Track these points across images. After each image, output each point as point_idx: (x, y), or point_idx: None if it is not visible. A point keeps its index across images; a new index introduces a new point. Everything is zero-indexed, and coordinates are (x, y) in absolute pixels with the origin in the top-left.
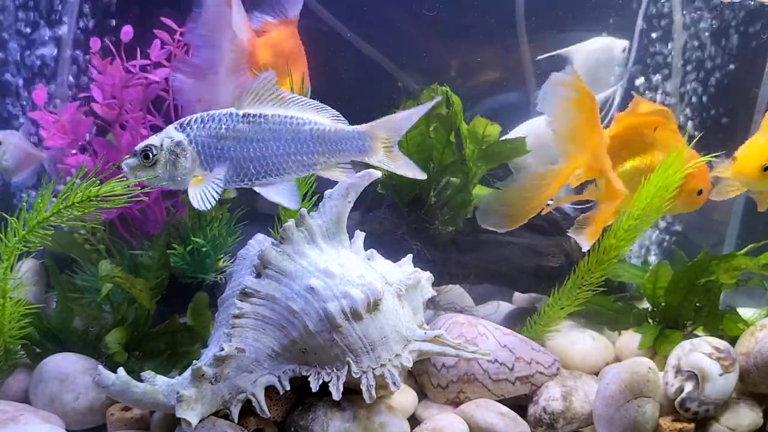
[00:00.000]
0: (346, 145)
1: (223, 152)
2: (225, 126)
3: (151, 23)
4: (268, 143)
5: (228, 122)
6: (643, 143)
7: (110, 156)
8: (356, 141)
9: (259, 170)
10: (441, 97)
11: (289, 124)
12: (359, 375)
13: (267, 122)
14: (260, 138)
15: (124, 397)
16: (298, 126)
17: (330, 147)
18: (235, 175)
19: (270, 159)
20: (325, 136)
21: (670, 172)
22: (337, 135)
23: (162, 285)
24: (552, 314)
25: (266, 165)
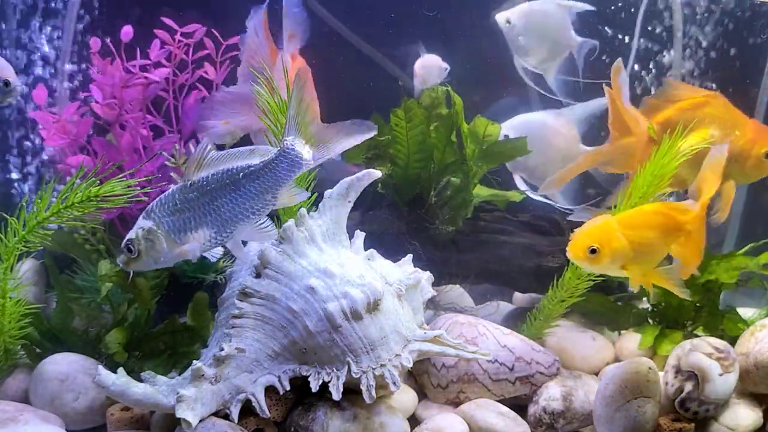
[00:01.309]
0: (279, 170)
1: (185, 224)
2: (178, 200)
3: (151, 23)
4: (214, 203)
5: (180, 195)
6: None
7: (110, 156)
8: (281, 160)
9: (219, 229)
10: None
11: (225, 178)
12: (359, 375)
13: (208, 184)
14: (207, 201)
15: (124, 397)
16: (232, 176)
17: (265, 181)
18: (205, 240)
19: (223, 216)
20: (255, 174)
21: (665, 161)
22: (265, 166)
23: (162, 285)
24: (551, 308)
25: (222, 222)
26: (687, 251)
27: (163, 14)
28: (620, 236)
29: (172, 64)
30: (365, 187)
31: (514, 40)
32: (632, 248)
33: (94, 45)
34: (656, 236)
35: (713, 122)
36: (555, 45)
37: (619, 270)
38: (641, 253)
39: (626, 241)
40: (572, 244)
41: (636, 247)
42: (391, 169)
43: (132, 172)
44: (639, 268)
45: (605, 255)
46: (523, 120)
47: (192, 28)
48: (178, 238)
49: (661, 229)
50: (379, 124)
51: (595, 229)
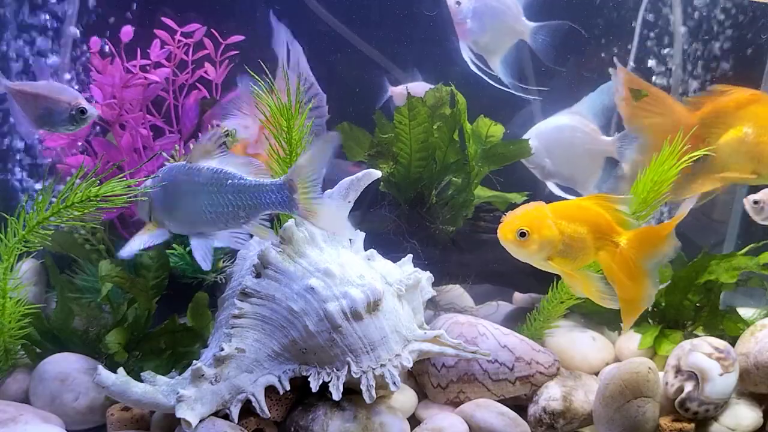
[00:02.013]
0: (264, 198)
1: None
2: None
3: (151, 23)
4: (196, 195)
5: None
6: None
7: (110, 156)
8: (274, 194)
9: (185, 220)
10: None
11: (214, 178)
12: (359, 375)
13: (198, 175)
14: (190, 190)
15: (124, 397)
16: (221, 179)
17: (249, 200)
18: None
19: (196, 210)
20: (244, 190)
21: (665, 167)
22: (256, 188)
23: (162, 285)
24: (551, 309)
25: (192, 215)
26: (615, 269)
27: (164, 14)
28: (551, 225)
29: (172, 63)
30: (366, 185)
31: (462, 23)
32: (561, 239)
33: (94, 45)
34: (587, 234)
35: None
36: (505, 30)
37: (545, 262)
38: (570, 247)
39: (557, 231)
40: (502, 225)
41: (566, 240)
42: (393, 167)
43: (132, 172)
44: (565, 264)
45: (533, 241)
46: (547, 128)
47: (191, 28)
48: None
49: (594, 228)
50: (382, 122)
51: (527, 214)
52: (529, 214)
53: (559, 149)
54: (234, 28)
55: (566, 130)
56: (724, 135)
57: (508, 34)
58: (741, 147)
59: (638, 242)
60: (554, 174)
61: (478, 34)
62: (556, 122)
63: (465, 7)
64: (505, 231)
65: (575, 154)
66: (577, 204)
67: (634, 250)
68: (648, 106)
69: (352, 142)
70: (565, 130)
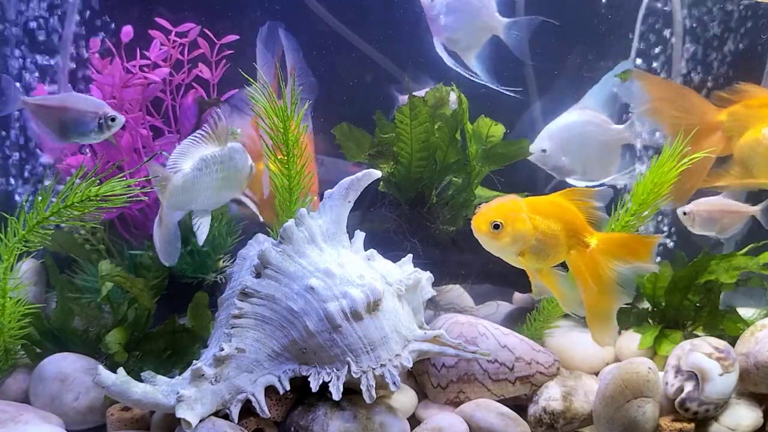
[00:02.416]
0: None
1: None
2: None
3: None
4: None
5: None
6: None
7: (110, 156)
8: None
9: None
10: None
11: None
12: (359, 375)
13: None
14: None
15: (124, 397)
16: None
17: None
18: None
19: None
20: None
21: (665, 169)
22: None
23: (162, 285)
24: (551, 309)
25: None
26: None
27: (160, 14)
28: (526, 219)
29: (169, 63)
30: (366, 185)
31: (435, 20)
32: (534, 235)
33: (94, 45)
34: (560, 231)
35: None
36: (478, 26)
37: (516, 257)
38: (543, 243)
39: (531, 226)
40: (477, 217)
41: (539, 236)
42: (394, 167)
43: (131, 172)
44: (535, 260)
45: (507, 233)
46: (558, 128)
47: (186, 28)
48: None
49: (567, 226)
50: (383, 122)
51: (502, 206)
52: (504, 207)
53: (573, 146)
54: (230, 27)
55: (577, 126)
56: (744, 135)
57: (481, 30)
58: (759, 148)
59: (610, 246)
60: (574, 171)
61: (451, 30)
62: (565, 120)
63: (438, 2)
64: (479, 222)
65: (591, 148)
66: (551, 200)
67: (605, 253)
68: (674, 103)
69: (352, 142)
70: (576, 126)
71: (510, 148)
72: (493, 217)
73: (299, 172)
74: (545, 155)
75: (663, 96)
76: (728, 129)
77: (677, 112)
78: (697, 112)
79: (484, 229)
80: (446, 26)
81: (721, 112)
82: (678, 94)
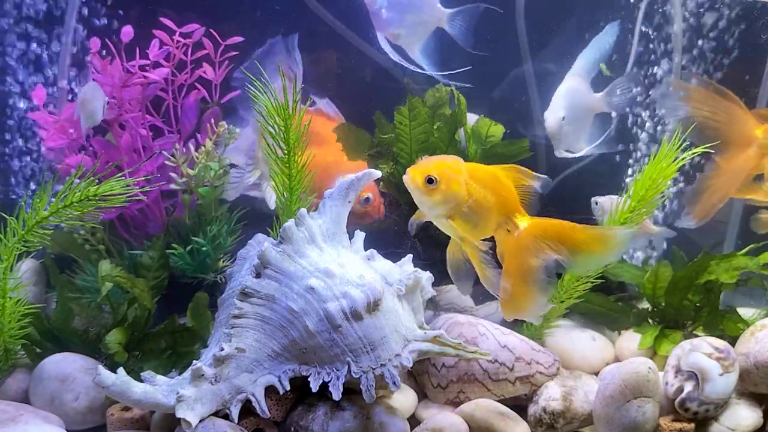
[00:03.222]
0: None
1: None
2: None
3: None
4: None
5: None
6: None
7: (110, 156)
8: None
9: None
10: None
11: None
12: (359, 375)
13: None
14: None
15: (124, 397)
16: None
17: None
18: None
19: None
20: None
21: (664, 165)
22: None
23: (162, 285)
24: (551, 309)
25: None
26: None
27: (163, 14)
28: (462, 182)
29: (171, 63)
30: (365, 186)
31: (378, 14)
32: (467, 201)
33: (94, 45)
34: (494, 205)
35: None
36: (422, 19)
37: (444, 219)
38: (474, 212)
39: (465, 191)
40: (413, 168)
41: (471, 203)
42: (393, 167)
43: (130, 172)
44: (463, 228)
45: (440, 191)
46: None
47: (190, 28)
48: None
49: (501, 201)
50: (382, 122)
51: (442, 163)
52: (444, 164)
53: (572, 113)
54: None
55: (573, 93)
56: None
57: (425, 23)
58: None
59: (539, 232)
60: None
61: (395, 24)
62: (566, 87)
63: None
64: (414, 174)
65: (580, 116)
66: (492, 171)
67: (532, 238)
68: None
69: (352, 142)
70: (573, 93)
71: (510, 148)
72: (430, 172)
73: (300, 171)
74: (564, 122)
75: (700, 106)
76: (763, 146)
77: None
78: (735, 124)
79: (419, 181)
80: (389, 21)
81: (758, 128)
82: (718, 105)
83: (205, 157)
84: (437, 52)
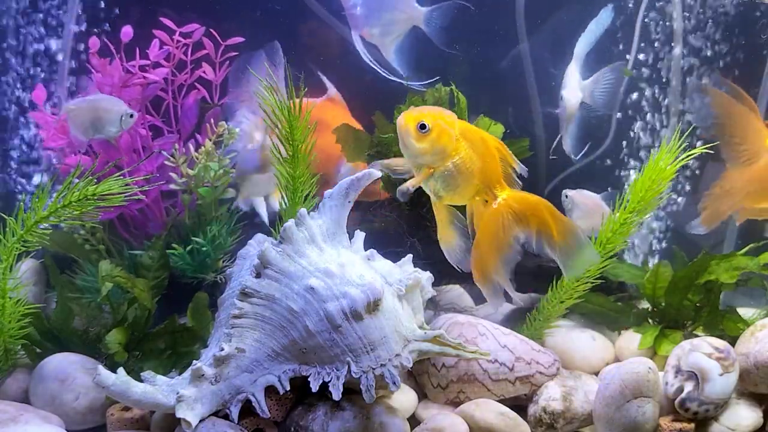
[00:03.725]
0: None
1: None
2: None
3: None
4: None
5: None
6: None
7: (109, 156)
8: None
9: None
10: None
11: None
12: (359, 375)
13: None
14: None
15: (124, 397)
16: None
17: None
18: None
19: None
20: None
21: (663, 166)
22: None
23: (162, 285)
24: (551, 309)
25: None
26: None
27: (163, 14)
28: (453, 136)
29: (171, 63)
30: (365, 186)
31: (352, 12)
32: (453, 156)
33: (93, 45)
34: (477, 171)
35: None
36: (397, 17)
37: (426, 172)
38: (457, 171)
39: (454, 146)
40: (408, 112)
41: (457, 162)
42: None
43: (129, 171)
44: (441, 187)
45: (429, 139)
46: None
47: (190, 28)
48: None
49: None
50: (382, 122)
51: (438, 114)
52: (439, 115)
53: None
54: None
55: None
56: None
57: (401, 21)
58: None
59: (516, 207)
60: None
61: (369, 22)
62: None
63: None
64: (407, 118)
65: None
66: (483, 137)
67: (508, 213)
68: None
69: (351, 143)
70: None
71: (509, 147)
72: (424, 118)
73: (304, 171)
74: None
75: (727, 114)
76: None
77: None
78: (752, 135)
79: (410, 126)
80: (363, 18)
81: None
82: (741, 115)
83: (204, 158)
84: (412, 51)
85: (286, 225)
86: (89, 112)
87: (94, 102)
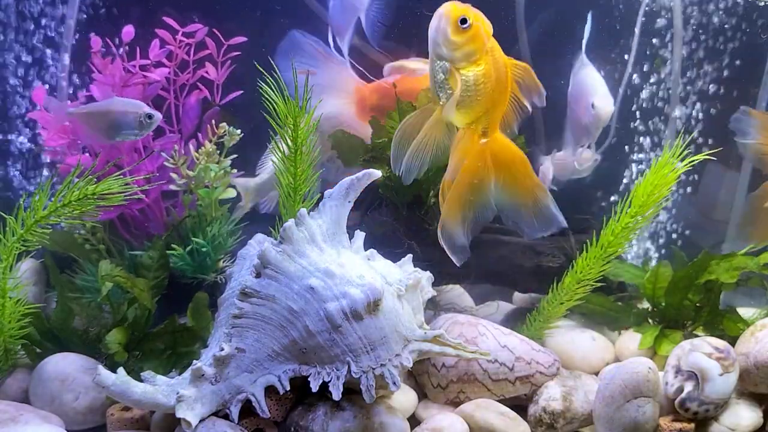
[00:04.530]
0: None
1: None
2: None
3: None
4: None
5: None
6: None
7: (110, 155)
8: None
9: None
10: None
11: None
12: (359, 375)
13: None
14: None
15: (124, 397)
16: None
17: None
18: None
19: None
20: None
21: (665, 171)
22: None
23: (162, 285)
24: (551, 310)
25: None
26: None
27: (166, 14)
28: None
29: (173, 63)
30: (365, 187)
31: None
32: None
33: (95, 44)
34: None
35: None
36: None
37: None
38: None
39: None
40: (453, 3)
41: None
42: (389, 171)
43: (129, 170)
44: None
45: (466, 37)
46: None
47: (193, 28)
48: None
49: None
50: (377, 126)
51: (481, 17)
52: (481, 19)
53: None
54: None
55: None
56: None
57: (351, 9)
58: None
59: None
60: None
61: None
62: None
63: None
64: (453, 7)
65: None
66: (508, 66)
67: (492, 154)
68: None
69: (347, 148)
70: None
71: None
72: (468, 14)
73: (305, 171)
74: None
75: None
76: None
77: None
78: None
79: (453, 16)
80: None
81: None
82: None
83: (205, 158)
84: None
85: (286, 225)
86: (102, 116)
87: (108, 105)
